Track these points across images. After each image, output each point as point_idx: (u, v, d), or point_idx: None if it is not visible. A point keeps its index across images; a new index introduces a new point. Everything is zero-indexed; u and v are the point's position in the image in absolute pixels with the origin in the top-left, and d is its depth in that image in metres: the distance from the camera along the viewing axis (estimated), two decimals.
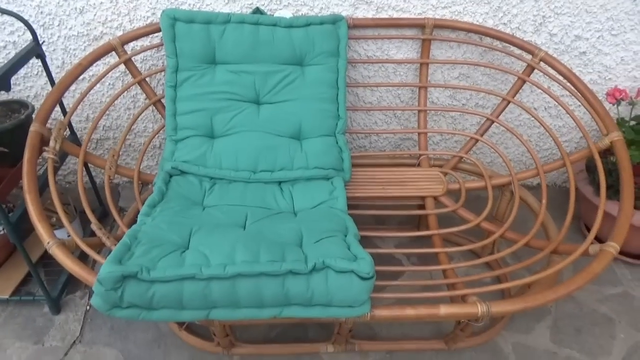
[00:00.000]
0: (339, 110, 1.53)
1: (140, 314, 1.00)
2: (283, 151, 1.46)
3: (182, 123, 1.45)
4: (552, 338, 1.48)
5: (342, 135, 1.53)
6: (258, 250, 1.06)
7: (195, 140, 1.44)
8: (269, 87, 1.47)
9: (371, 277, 1.04)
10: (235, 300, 1.02)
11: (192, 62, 1.44)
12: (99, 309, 0.98)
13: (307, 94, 1.49)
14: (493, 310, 1.09)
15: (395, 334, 1.48)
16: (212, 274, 1.00)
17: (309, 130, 1.49)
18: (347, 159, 1.50)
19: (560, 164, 1.48)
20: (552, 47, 1.68)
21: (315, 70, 1.50)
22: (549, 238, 1.42)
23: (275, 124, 1.47)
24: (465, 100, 1.82)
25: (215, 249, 1.06)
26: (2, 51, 1.62)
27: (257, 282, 1.02)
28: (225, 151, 1.44)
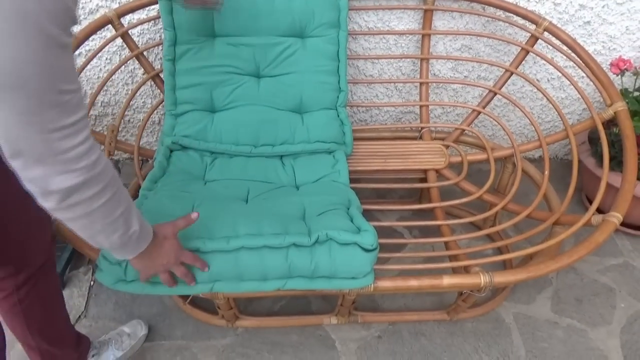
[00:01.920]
0: (340, 83, 1.51)
1: (145, 288, 1.00)
2: (284, 125, 1.44)
3: (181, 97, 1.43)
4: (553, 308, 1.50)
5: (343, 108, 1.51)
6: (261, 223, 1.06)
7: (195, 115, 1.43)
8: (269, 59, 1.45)
9: (374, 248, 1.04)
10: (239, 273, 1.03)
11: (190, 34, 1.41)
12: (105, 283, 0.98)
13: (307, 67, 1.46)
14: (496, 281, 1.10)
15: (398, 306, 1.49)
16: (215, 247, 1.00)
17: (310, 104, 1.48)
18: (348, 132, 1.49)
19: (563, 135, 1.48)
20: (556, 16, 1.65)
21: (315, 42, 1.47)
22: (551, 209, 1.42)
23: (276, 97, 1.45)
24: (468, 72, 1.80)
25: (218, 223, 1.06)
26: None
27: (260, 254, 1.02)
28: (226, 125, 1.42)
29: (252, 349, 1.37)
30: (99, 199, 0.66)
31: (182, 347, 1.37)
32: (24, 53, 0.52)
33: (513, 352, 1.38)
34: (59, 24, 0.54)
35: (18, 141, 0.57)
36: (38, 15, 0.51)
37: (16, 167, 0.60)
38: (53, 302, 1.10)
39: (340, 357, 1.36)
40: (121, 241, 0.75)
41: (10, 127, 0.56)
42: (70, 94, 0.59)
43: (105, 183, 0.66)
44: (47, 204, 0.63)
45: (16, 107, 0.55)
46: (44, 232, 1.00)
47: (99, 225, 0.70)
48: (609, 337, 1.42)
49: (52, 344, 1.10)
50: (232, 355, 1.35)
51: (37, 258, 1.00)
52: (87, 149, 0.63)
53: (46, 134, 0.58)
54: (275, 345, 1.38)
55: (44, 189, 0.61)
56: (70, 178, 0.62)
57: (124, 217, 0.72)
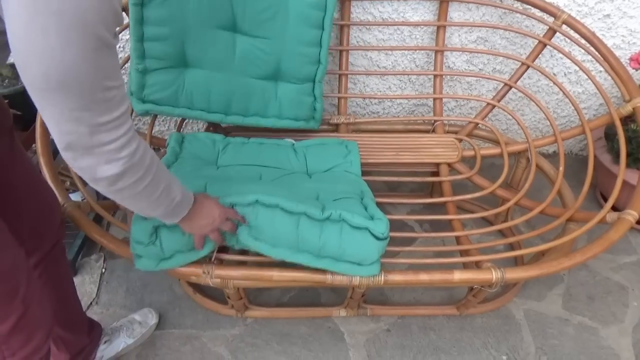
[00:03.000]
0: (320, 55, 1.38)
1: (187, 257, 1.04)
2: (257, 96, 1.40)
3: (150, 51, 1.27)
4: (564, 305, 1.48)
5: (320, 83, 1.42)
6: (275, 191, 1.08)
7: (165, 75, 1.31)
8: (248, 13, 1.30)
9: (385, 237, 1.04)
10: (254, 228, 1.04)
11: None
12: (147, 268, 1.02)
13: (288, 33, 1.33)
14: (507, 277, 1.09)
15: (408, 300, 1.49)
16: (233, 200, 1.03)
17: (286, 74, 1.39)
18: (319, 109, 1.46)
19: (579, 130, 1.45)
20: (575, 9, 1.62)
21: (300, 4, 1.31)
22: (565, 205, 1.40)
23: (252, 64, 1.36)
24: (483, 65, 1.77)
25: (234, 189, 1.09)
26: None
27: (273, 213, 1.03)
28: (198, 90, 1.34)
29: (261, 340, 1.37)
30: (142, 183, 0.73)
31: (191, 335, 1.38)
32: (81, 57, 0.56)
33: (523, 349, 1.37)
34: (109, 28, 0.59)
35: (69, 135, 0.62)
36: (95, 24, 0.56)
37: (67, 158, 0.66)
38: (64, 286, 1.11)
39: (349, 350, 1.36)
40: (166, 211, 0.84)
41: (63, 123, 0.61)
42: (115, 90, 0.63)
43: (146, 168, 0.73)
44: (98, 188, 0.71)
45: (69, 105, 0.60)
46: (54, 215, 1.03)
47: (145, 203, 0.79)
48: (620, 336, 1.41)
49: (64, 329, 1.11)
50: (241, 345, 1.36)
51: (48, 241, 1.02)
52: (128, 140, 0.68)
53: (94, 128, 0.63)
54: (284, 336, 1.38)
55: (93, 177, 0.68)
56: (115, 167, 0.67)
57: (165, 192, 0.80)
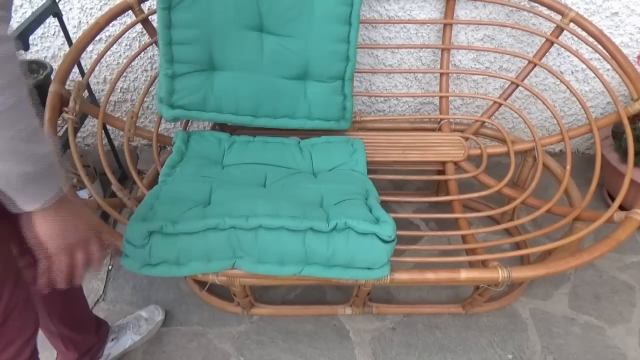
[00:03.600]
0: (349, 52, 1.38)
1: (171, 270, 1.02)
2: (286, 97, 1.39)
3: (178, 55, 1.30)
4: (570, 304, 1.48)
5: (349, 81, 1.42)
6: (279, 206, 1.07)
7: (194, 80, 1.33)
8: (274, 12, 1.32)
9: (392, 240, 1.04)
10: (258, 253, 1.03)
11: None
12: (130, 268, 0.99)
13: (316, 31, 1.34)
14: (514, 276, 1.09)
15: (413, 298, 1.49)
16: (235, 224, 1.01)
17: (315, 73, 1.39)
18: (349, 108, 1.45)
19: (586, 129, 1.45)
20: (583, 7, 1.61)
21: (325, 2, 1.32)
22: (572, 205, 1.39)
23: (280, 64, 1.36)
24: (489, 63, 1.77)
25: (237, 203, 1.07)
26: (18, 10, 1.60)
27: (278, 236, 1.02)
28: (226, 93, 1.36)
29: (266, 337, 1.38)
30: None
31: (198, 332, 1.38)
32: None
33: (529, 348, 1.37)
34: None
35: None
36: None
37: None
38: (72, 287, 1.11)
39: (355, 348, 1.36)
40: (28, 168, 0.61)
41: None
42: None
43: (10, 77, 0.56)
44: None
45: None
46: None
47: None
48: (627, 335, 1.40)
49: (72, 329, 1.12)
50: (247, 343, 1.36)
51: None
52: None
53: None
54: (290, 334, 1.38)
55: None
56: None
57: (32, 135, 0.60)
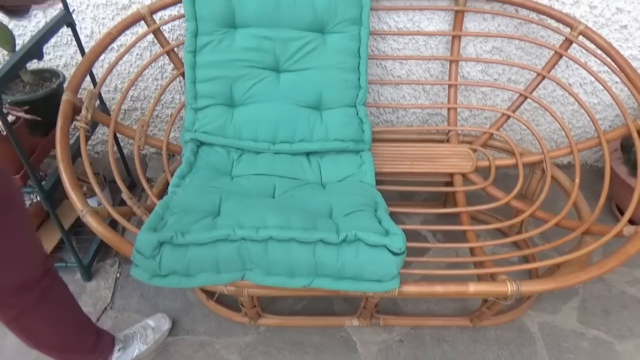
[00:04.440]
0: (360, 80, 1.49)
1: (180, 281, 1.02)
2: (303, 122, 1.43)
3: (202, 91, 1.43)
4: (579, 319, 1.47)
5: (362, 106, 1.49)
6: (289, 217, 1.07)
7: (215, 110, 1.43)
8: (289, 54, 1.44)
9: (402, 252, 1.03)
10: (268, 265, 1.03)
11: (211, 25, 1.41)
12: (140, 278, 1.00)
13: (328, 63, 1.45)
14: (523, 290, 1.08)
15: (421, 310, 1.48)
16: (245, 235, 1.01)
17: (330, 101, 1.46)
18: (367, 130, 1.47)
19: (595, 142, 1.44)
20: (592, 19, 1.61)
21: (337, 38, 1.45)
22: (581, 218, 1.39)
23: (296, 93, 1.44)
24: (497, 75, 1.77)
25: (247, 215, 1.07)
26: (32, 19, 1.62)
27: (288, 247, 1.02)
28: (245, 121, 1.42)
29: (273, 348, 1.37)
30: None
31: (204, 342, 1.38)
32: None
33: None
34: None
35: None
36: None
37: None
38: (64, 316, 1.11)
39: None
40: None
41: None
42: None
43: None
44: None
45: None
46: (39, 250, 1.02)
47: None
48: (636, 351, 1.39)
49: (66, 352, 1.13)
50: (254, 353, 1.36)
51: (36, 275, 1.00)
52: None
53: None
54: (297, 345, 1.38)
55: None
56: None
57: None
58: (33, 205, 1.58)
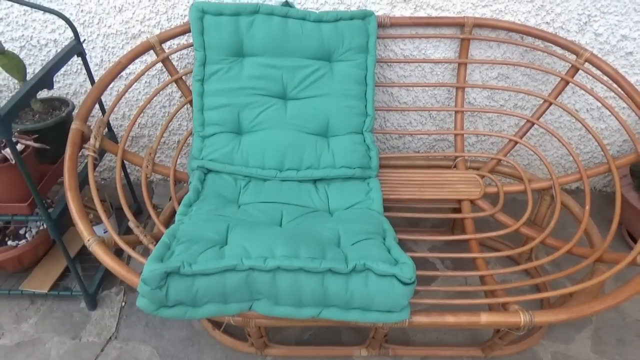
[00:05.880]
0: (367, 108, 1.50)
1: (187, 312, 1.00)
2: (310, 149, 1.44)
3: (209, 119, 1.44)
4: (593, 348, 1.43)
5: (369, 133, 1.50)
6: (297, 246, 1.06)
7: (222, 137, 1.43)
8: (296, 82, 1.46)
9: (413, 282, 1.02)
10: (275, 295, 1.01)
11: (219, 54, 1.43)
12: (146, 309, 0.98)
13: (335, 91, 1.47)
14: (536, 320, 1.06)
15: (430, 339, 1.45)
16: (253, 265, 0.99)
17: (337, 128, 1.47)
18: (374, 157, 1.47)
19: (605, 168, 1.43)
20: (597, 47, 1.62)
21: (343, 66, 1.48)
22: (593, 245, 1.37)
23: (303, 121, 1.45)
24: (504, 101, 1.77)
25: (255, 244, 1.06)
26: (43, 49, 1.65)
27: (296, 277, 1.01)
28: (253, 149, 1.43)
29: None
30: None
31: None
32: None
33: None
34: None
35: None
36: None
37: None
38: None
39: None
40: None
41: None
42: None
43: None
44: None
45: None
46: None
47: None
48: None
49: None
50: None
51: None
52: None
53: None
54: None
55: None
56: None
57: None
58: (39, 232, 1.58)
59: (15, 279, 1.57)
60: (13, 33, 1.61)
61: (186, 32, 1.50)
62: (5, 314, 1.51)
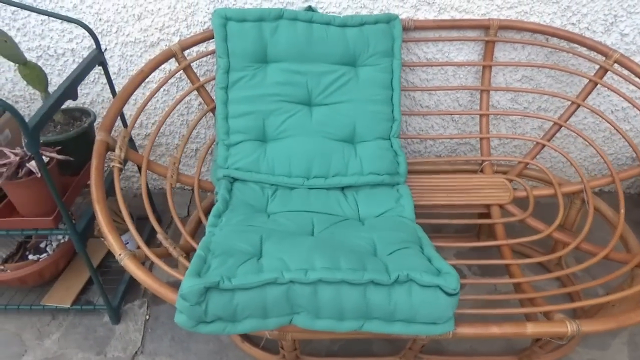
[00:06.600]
0: (393, 112, 1.48)
1: (226, 328, 0.97)
2: (337, 156, 1.41)
3: (234, 127, 1.41)
4: (630, 355, 1.40)
5: (396, 138, 1.48)
6: (337, 257, 1.03)
7: (247, 145, 1.41)
8: (321, 88, 1.44)
9: (457, 292, 0.99)
10: (316, 308, 0.98)
11: (243, 61, 1.41)
12: (185, 326, 0.95)
13: (361, 96, 1.44)
14: (583, 330, 1.03)
15: (464, 349, 1.42)
16: (294, 277, 0.96)
17: (364, 133, 1.45)
18: (402, 163, 1.45)
19: (638, 171, 1.41)
20: (623, 47, 1.60)
21: (369, 71, 1.46)
22: (630, 250, 1.34)
23: (329, 127, 1.43)
24: (527, 104, 1.75)
25: (292, 255, 1.03)
26: (60, 59, 1.62)
27: (338, 290, 0.97)
28: (279, 156, 1.40)
29: None
30: None
31: None
32: None
33: None
34: None
35: None
36: None
37: None
38: None
39: None
40: None
41: None
42: None
43: None
44: None
45: None
46: None
47: None
48: None
49: None
50: None
51: None
52: None
53: None
54: None
55: None
56: None
57: None
58: (60, 246, 1.55)
59: (35, 294, 1.53)
60: (30, 43, 1.59)
61: (207, 39, 1.48)
62: (27, 330, 1.47)
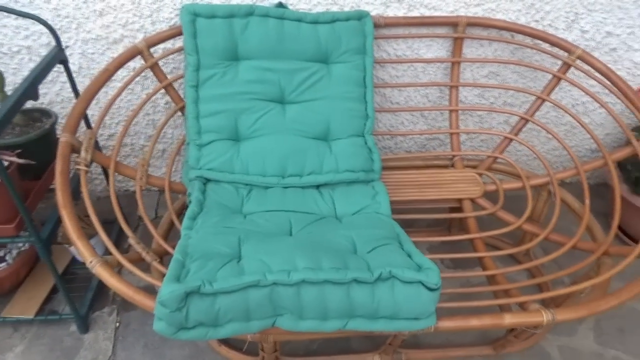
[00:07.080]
0: (367, 110, 1.48)
1: (208, 333, 0.94)
2: (312, 154, 1.40)
3: (205, 126, 1.37)
4: (596, 339, 1.46)
5: (370, 135, 1.48)
6: (319, 257, 1.02)
7: (220, 145, 1.38)
8: (294, 85, 1.41)
9: (438, 287, 1.00)
10: (300, 309, 0.97)
11: (213, 58, 1.37)
12: (164, 333, 0.92)
13: (334, 93, 1.43)
14: (558, 318, 1.06)
15: (441, 341, 1.44)
16: (277, 279, 0.95)
17: (338, 131, 1.44)
18: (377, 160, 1.45)
19: (601, 162, 1.46)
20: (583, 43, 1.66)
21: (342, 68, 1.44)
22: (595, 240, 1.39)
23: (303, 125, 1.41)
24: (494, 99, 1.79)
25: (273, 257, 1.01)
26: (15, 57, 1.53)
27: (321, 290, 0.96)
28: (252, 156, 1.38)
29: None
30: None
31: None
32: None
33: None
34: None
35: None
36: None
37: None
38: None
39: None
40: None
41: None
42: None
43: None
44: None
45: None
46: None
47: None
48: None
49: None
50: None
51: None
52: None
53: None
54: None
55: None
56: None
57: None
58: (20, 254, 1.47)
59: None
60: None
61: (174, 36, 1.43)
62: None
